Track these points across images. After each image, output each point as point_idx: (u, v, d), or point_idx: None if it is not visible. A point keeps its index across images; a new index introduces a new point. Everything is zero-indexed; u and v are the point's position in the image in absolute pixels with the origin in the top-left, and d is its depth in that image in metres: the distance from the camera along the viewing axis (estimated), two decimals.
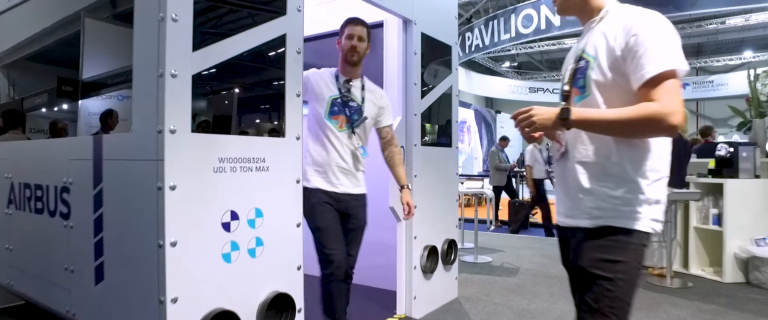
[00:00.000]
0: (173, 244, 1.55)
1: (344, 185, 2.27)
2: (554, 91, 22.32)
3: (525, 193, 10.46)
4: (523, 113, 1.26)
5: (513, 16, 11.84)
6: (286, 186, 1.97)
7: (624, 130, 1.18)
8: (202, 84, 1.69)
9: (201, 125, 1.68)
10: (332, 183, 2.25)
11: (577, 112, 1.20)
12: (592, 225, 1.25)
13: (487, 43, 12.73)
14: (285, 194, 1.96)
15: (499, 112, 19.59)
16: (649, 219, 1.22)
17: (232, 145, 1.75)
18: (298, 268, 2.03)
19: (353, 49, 2.25)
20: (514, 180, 8.86)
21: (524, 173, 7.56)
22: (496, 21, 12.40)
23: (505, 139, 7.84)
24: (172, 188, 1.55)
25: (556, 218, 1.44)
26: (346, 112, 2.27)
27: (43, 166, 2.32)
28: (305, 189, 2.15)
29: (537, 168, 6.61)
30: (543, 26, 11.27)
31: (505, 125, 19.44)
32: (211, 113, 1.78)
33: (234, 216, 1.75)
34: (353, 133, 2.27)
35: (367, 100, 2.33)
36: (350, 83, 2.32)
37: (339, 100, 2.27)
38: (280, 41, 1.94)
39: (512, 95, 22.00)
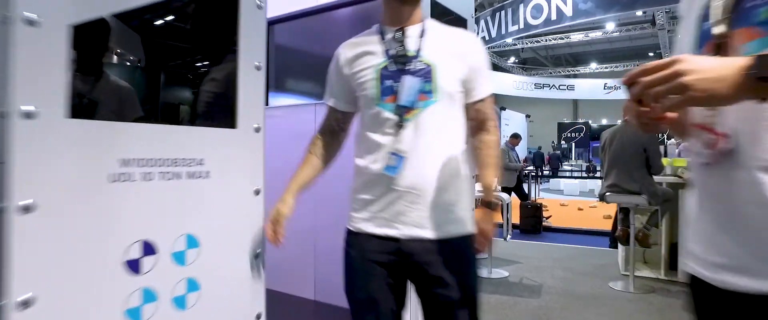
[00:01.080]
0: (25, 304, 0.92)
1: (411, 223, 1.28)
2: (561, 87, 21.71)
3: (533, 193, 9.85)
4: (657, 70, 0.63)
5: (521, 7, 11.28)
6: (237, 200, 1.34)
7: None
8: (91, 41, 1.06)
9: (86, 107, 1.04)
10: (388, 220, 1.29)
11: None
12: None
13: (493, 35, 12.14)
14: (236, 212, 1.33)
15: (504, 109, 18.98)
16: None
17: (145, 138, 1.12)
18: (258, 318, 1.40)
19: None
20: (524, 180, 8.22)
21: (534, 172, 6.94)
22: (503, 12, 11.81)
23: (516, 137, 7.17)
24: (27, 209, 0.92)
25: (691, 265, 0.81)
26: (395, 86, 1.29)
27: None
28: (346, 233, 1.40)
29: None
30: (554, 17, 10.67)
31: (510, 122, 18.82)
32: (107, 88, 1.14)
33: (148, 249, 1.13)
34: (402, 123, 1.28)
35: (433, 51, 1.30)
36: (405, 34, 1.32)
37: (389, 69, 1.31)
38: None
39: (517, 91, 21.43)
